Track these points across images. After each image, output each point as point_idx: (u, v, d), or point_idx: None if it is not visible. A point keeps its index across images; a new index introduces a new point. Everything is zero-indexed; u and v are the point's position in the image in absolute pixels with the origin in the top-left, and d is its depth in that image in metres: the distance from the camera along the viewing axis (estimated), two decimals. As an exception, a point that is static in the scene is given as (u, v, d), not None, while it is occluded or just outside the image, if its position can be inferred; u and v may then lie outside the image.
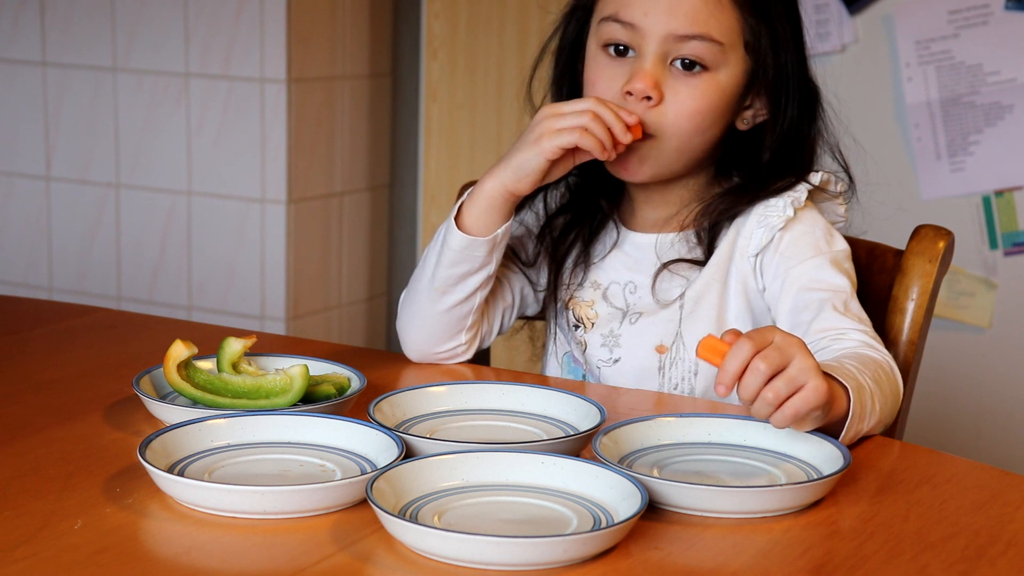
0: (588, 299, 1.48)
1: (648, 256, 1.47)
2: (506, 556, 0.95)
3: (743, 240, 1.43)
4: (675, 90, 1.38)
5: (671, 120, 1.38)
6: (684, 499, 1.07)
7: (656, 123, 1.38)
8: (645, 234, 1.48)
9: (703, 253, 1.44)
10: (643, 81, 1.37)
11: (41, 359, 1.47)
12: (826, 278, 1.38)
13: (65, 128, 2.90)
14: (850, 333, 1.33)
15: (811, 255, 1.40)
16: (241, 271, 2.79)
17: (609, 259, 1.48)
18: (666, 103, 1.38)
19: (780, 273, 1.40)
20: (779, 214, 1.41)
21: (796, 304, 1.38)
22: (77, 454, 1.17)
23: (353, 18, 2.82)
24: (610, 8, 1.40)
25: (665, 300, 1.44)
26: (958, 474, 1.18)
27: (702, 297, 1.43)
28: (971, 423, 2.57)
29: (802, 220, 1.42)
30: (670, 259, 1.45)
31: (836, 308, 1.35)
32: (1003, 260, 2.52)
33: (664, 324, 1.44)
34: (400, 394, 1.26)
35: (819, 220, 1.43)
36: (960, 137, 2.51)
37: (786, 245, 1.41)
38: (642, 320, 1.45)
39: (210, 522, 1.03)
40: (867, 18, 2.53)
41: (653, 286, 1.44)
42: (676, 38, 1.36)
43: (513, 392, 1.29)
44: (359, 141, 2.89)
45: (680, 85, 1.38)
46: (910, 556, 1.01)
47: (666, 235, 1.46)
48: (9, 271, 3.01)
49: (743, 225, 1.43)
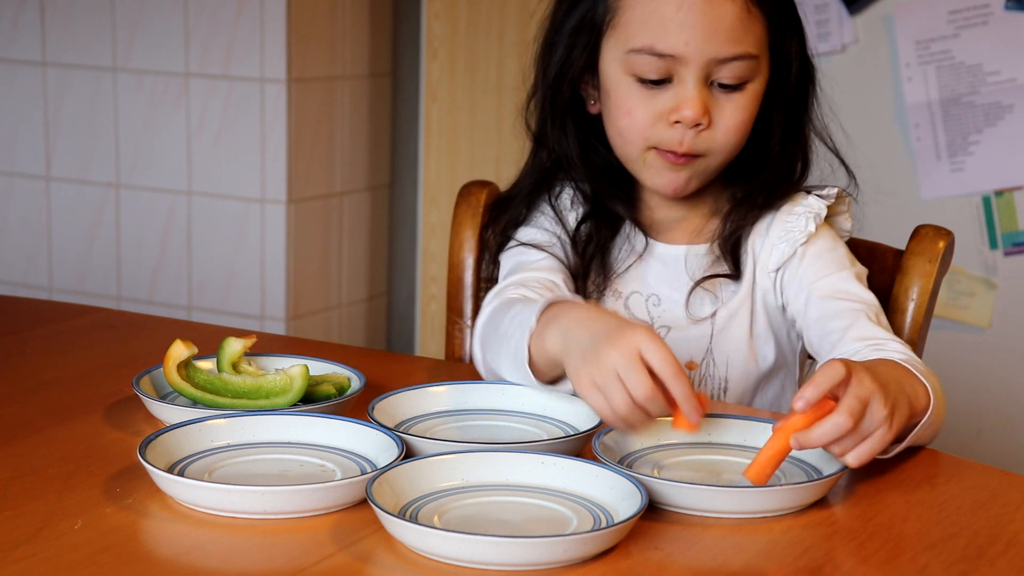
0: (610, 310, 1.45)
1: (675, 269, 1.45)
2: (506, 556, 0.95)
3: (764, 255, 1.42)
4: (721, 110, 1.36)
5: (721, 139, 1.37)
6: (684, 499, 1.07)
7: (707, 145, 1.37)
8: (672, 245, 1.46)
9: (730, 267, 1.43)
10: (693, 110, 1.34)
11: (41, 359, 1.47)
12: (855, 291, 1.38)
13: (65, 128, 2.90)
14: (891, 344, 1.31)
15: (836, 269, 1.40)
16: (241, 271, 2.79)
17: (634, 270, 1.46)
18: (715, 125, 1.36)
19: (805, 286, 1.40)
20: (801, 228, 1.41)
21: (825, 312, 1.37)
22: (77, 454, 1.17)
23: (353, 18, 2.82)
24: (641, 39, 1.35)
25: (697, 316, 1.43)
26: (958, 474, 1.18)
27: (734, 315, 1.42)
28: (971, 423, 2.57)
29: (823, 236, 1.42)
30: (704, 275, 1.43)
31: (870, 319, 1.34)
32: (1003, 260, 2.52)
33: (695, 341, 1.43)
34: (400, 394, 1.26)
35: (839, 239, 1.44)
36: (960, 137, 2.51)
37: (810, 260, 1.41)
38: (672, 336, 1.43)
39: (210, 522, 1.03)
40: (867, 18, 2.53)
41: (687, 302, 1.43)
42: (718, 62, 1.34)
43: (513, 392, 1.29)
44: (359, 141, 2.89)
45: (725, 103, 1.36)
46: (910, 556, 1.01)
47: (696, 247, 1.45)
48: (9, 271, 3.01)
49: (765, 239, 1.43)
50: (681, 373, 1.11)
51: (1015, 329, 2.53)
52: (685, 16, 1.33)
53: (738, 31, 1.34)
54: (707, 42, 1.33)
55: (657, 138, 1.37)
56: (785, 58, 1.41)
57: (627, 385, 1.11)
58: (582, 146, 1.45)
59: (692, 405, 1.12)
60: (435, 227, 2.87)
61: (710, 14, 1.33)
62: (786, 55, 1.41)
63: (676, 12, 1.33)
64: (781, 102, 1.42)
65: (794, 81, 1.42)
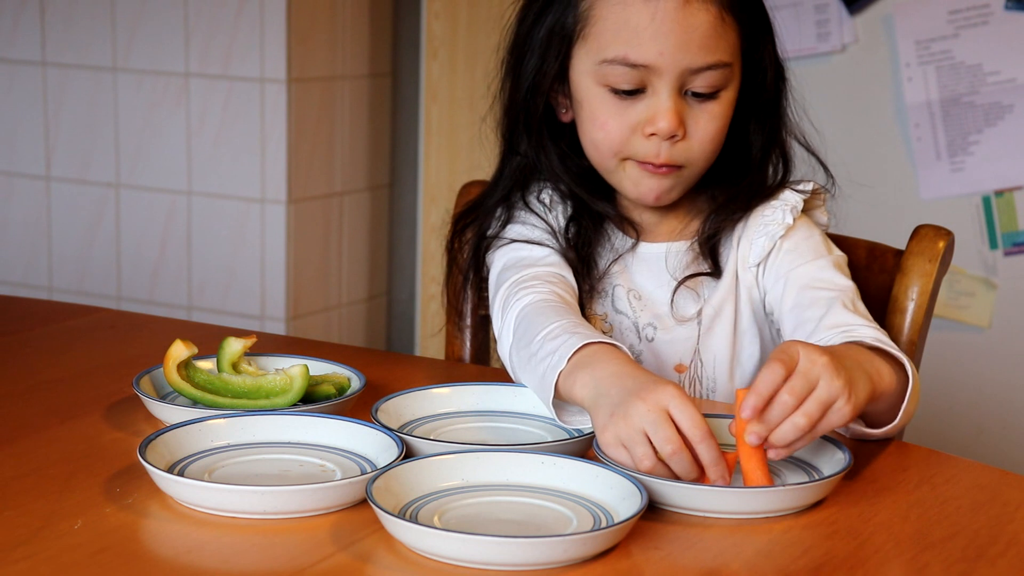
0: (601, 312, 1.45)
1: (656, 266, 1.45)
2: (506, 556, 0.95)
3: (743, 251, 1.42)
4: (696, 119, 1.36)
5: (697, 149, 1.37)
6: (684, 499, 1.07)
7: (684, 156, 1.36)
8: (653, 244, 1.46)
9: (710, 265, 1.43)
10: (668, 121, 1.33)
11: (41, 359, 1.47)
12: (831, 278, 1.38)
13: (65, 128, 2.90)
14: (861, 329, 1.30)
15: (813, 257, 1.40)
16: (241, 271, 2.79)
17: (617, 267, 1.45)
18: (690, 135, 1.36)
19: (782, 275, 1.40)
20: (779, 222, 1.41)
21: (800, 301, 1.37)
22: (77, 454, 1.17)
23: (353, 18, 2.82)
24: (614, 50, 1.34)
25: (682, 316, 1.43)
26: (958, 474, 1.18)
27: (718, 313, 1.42)
28: (971, 423, 2.57)
29: (799, 226, 1.42)
30: (685, 275, 1.42)
31: (845, 306, 1.34)
32: (1003, 260, 2.52)
33: (682, 343, 1.43)
34: (403, 395, 1.26)
35: (815, 227, 1.44)
36: (960, 137, 2.51)
37: (787, 250, 1.41)
38: (659, 338, 1.43)
39: (210, 522, 1.03)
40: (867, 18, 2.53)
41: (671, 301, 1.43)
42: (692, 71, 1.33)
43: (517, 394, 1.29)
44: (359, 141, 2.89)
45: (699, 114, 1.36)
46: (910, 556, 1.01)
47: (676, 244, 1.44)
48: (9, 271, 3.01)
49: (743, 236, 1.43)
50: (709, 435, 1.09)
51: (1015, 329, 2.53)
52: (659, 26, 1.32)
53: (712, 40, 1.33)
54: (681, 52, 1.32)
55: (632, 151, 1.37)
56: (759, 64, 1.41)
57: (654, 441, 1.09)
58: (560, 156, 1.45)
59: (720, 471, 1.09)
60: (435, 227, 2.87)
61: (684, 23, 1.32)
62: (759, 61, 1.40)
63: (650, 22, 1.32)
64: (757, 108, 1.42)
65: (770, 86, 1.42)
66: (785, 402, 1.08)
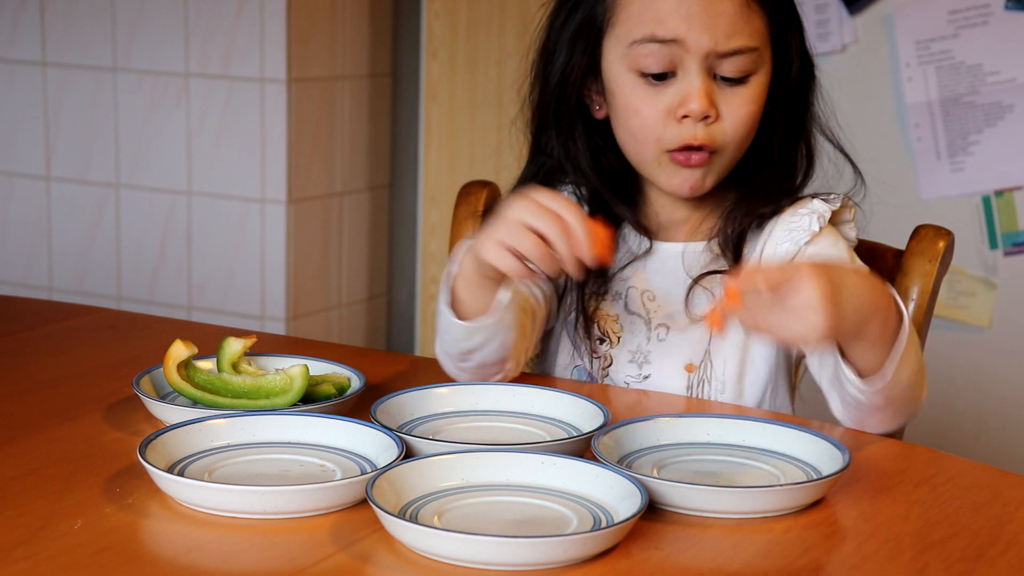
0: (613, 313, 1.45)
1: (672, 266, 1.45)
2: (506, 556, 0.95)
3: (767, 255, 1.42)
4: (728, 102, 1.37)
5: (731, 133, 1.38)
6: (684, 499, 1.07)
7: (719, 137, 1.38)
8: (669, 243, 1.46)
9: (730, 261, 1.42)
10: (700, 102, 1.36)
11: (41, 359, 1.47)
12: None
13: (65, 128, 2.90)
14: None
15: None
16: (241, 271, 2.79)
17: (631, 267, 1.46)
18: (723, 117, 1.37)
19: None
20: (805, 228, 1.41)
21: None
22: (77, 454, 1.17)
23: (353, 18, 2.82)
24: (641, 29, 1.37)
25: (695, 315, 1.42)
26: (958, 474, 1.18)
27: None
28: (971, 423, 2.57)
29: (826, 235, 1.42)
30: (701, 273, 1.43)
31: None
32: (1003, 260, 2.52)
33: (694, 343, 1.43)
34: (403, 395, 1.26)
35: (842, 239, 1.44)
36: (960, 137, 2.51)
37: (809, 255, 1.40)
38: (671, 337, 1.43)
39: (210, 522, 1.03)
40: (867, 18, 2.53)
41: (686, 301, 1.43)
42: (719, 55, 1.35)
43: (517, 394, 1.29)
44: (359, 141, 2.89)
45: (731, 97, 1.37)
46: (910, 556, 1.01)
47: (693, 244, 1.45)
48: (9, 271, 3.01)
49: (768, 241, 1.43)
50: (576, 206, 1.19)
51: (1015, 329, 2.53)
52: (686, 9, 1.35)
53: (738, 24, 1.36)
54: (707, 30, 1.35)
55: (669, 138, 1.38)
56: (786, 54, 1.42)
57: (537, 227, 1.18)
58: (592, 152, 1.45)
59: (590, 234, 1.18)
60: (435, 227, 2.87)
61: (710, 8, 1.35)
62: (786, 51, 1.42)
63: (677, 6, 1.35)
64: (782, 99, 1.42)
65: (795, 78, 1.43)
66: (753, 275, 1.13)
